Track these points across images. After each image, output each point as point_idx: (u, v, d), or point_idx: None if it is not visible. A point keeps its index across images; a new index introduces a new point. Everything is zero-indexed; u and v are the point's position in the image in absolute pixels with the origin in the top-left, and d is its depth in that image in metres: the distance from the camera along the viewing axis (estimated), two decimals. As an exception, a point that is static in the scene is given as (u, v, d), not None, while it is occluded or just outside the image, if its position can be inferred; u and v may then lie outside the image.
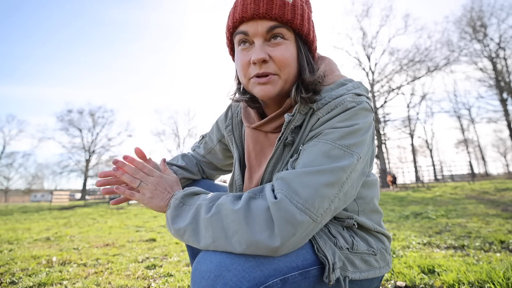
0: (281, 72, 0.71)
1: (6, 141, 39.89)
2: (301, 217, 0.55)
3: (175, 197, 0.70)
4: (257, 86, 0.71)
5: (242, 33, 0.71)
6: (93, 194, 29.26)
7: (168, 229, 0.69)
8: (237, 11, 0.70)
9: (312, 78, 0.71)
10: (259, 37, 0.69)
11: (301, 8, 0.71)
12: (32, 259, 2.66)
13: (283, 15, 0.68)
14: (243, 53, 0.72)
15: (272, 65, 0.70)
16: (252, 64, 0.70)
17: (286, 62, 0.70)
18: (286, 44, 0.70)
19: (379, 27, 24.89)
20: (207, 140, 1.10)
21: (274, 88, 0.71)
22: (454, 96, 31.28)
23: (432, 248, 2.58)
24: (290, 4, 0.69)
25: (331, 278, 0.64)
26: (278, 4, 0.67)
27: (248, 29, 0.69)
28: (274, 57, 0.69)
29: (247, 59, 0.71)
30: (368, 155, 0.72)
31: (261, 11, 0.67)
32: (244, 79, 0.74)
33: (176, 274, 2.03)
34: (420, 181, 19.61)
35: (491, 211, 5.42)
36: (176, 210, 0.67)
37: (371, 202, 0.84)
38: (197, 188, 0.73)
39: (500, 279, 1.49)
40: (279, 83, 0.71)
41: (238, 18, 0.70)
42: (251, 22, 0.69)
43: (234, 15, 0.71)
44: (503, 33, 23.85)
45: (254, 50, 0.69)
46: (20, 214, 11.01)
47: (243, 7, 0.69)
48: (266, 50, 0.69)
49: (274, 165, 0.76)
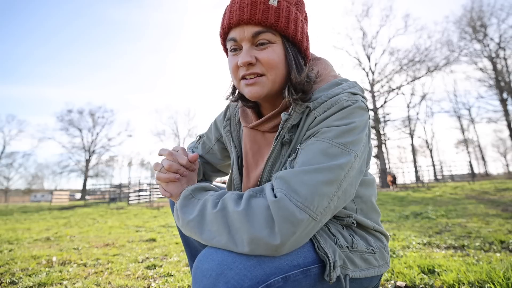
0: (268, 73, 0.73)
1: (6, 141, 39.98)
2: (300, 215, 0.56)
3: (186, 189, 0.73)
4: (246, 88, 0.75)
5: (231, 40, 0.75)
6: (93, 194, 29.28)
7: (175, 218, 0.71)
8: (225, 18, 0.75)
9: (299, 79, 0.73)
10: (246, 42, 0.73)
11: (287, 10, 0.73)
12: (32, 259, 2.66)
13: (267, 19, 0.70)
14: (233, 57, 0.76)
15: (259, 66, 0.73)
16: (240, 67, 0.74)
17: (272, 64, 0.72)
18: (273, 46, 0.73)
19: (379, 27, 24.91)
20: (205, 140, 1.11)
21: (262, 89, 0.74)
22: (454, 96, 31.35)
23: (432, 248, 2.58)
24: (274, 8, 0.71)
25: (332, 276, 0.64)
26: (261, 9, 0.70)
27: (235, 35, 0.73)
28: (260, 59, 0.72)
29: (235, 62, 0.75)
30: (365, 154, 0.73)
31: (245, 17, 0.70)
32: (235, 81, 0.78)
33: (176, 274, 2.03)
34: (420, 181, 19.62)
35: (491, 211, 5.42)
36: (186, 201, 0.70)
37: (368, 201, 0.85)
38: (207, 183, 0.75)
39: (500, 279, 1.49)
40: (267, 84, 0.74)
41: (226, 25, 0.75)
42: (238, 28, 0.73)
43: (223, 22, 0.76)
44: (503, 33, 23.88)
45: (242, 54, 0.73)
46: (20, 214, 11.01)
47: (230, 14, 0.73)
48: (253, 53, 0.73)
49: (272, 164, 0.77)
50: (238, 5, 0.72)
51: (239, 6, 0.71)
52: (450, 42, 24.64)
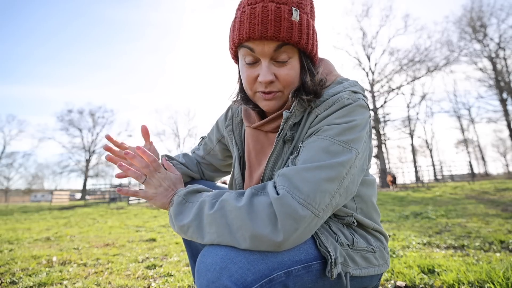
0: (285, 89, 0.74)
1: (6, 141, 39.89)
2: (303, 212, 0.57)
3: (177, 194, 0.71)
4: (263, 101, 0.76)
5: (248, 48, 0.71)
6: (93, 194, 29.25)
7: (171, 226, 0.70)
8: (244, 29, 0.69)
9: (314, 85, 0.74)
10: (265, 57, 0.70)
11: (307, 25, 0.71)
12: (32, 259, 2.66)
13: (291, 37, 0.68)
14: (249, 69, 0.73)
15: (278, 84, 0.73)
16: (259, 82, 0.73)
17: (290, 81, 0.73)
18: (291, 62, 0.72)
19: (379, 27, 24.89)
20: (207, 141, 1.12)
21: (278, 102, 0.76)
22: (454, 96, 31.31)
23: (432, 248, 2.58)
24: (297, 24, 0.68)
25: (333, 272, 0.65)
26: (286, 26, 0.67)
27: (255, 47, 0.70)
28: (279, 76, 0.72)
29: (253, 75, 0.73)
30: (366, 152, 0.74)
31: (269, 33, 0.66)
32: (250, 92, 0.77)
33: (176, 274, 2.04)
34: (420, 181, 19.61)
35: (491, 211, 5.42)
36: (179, 207, 0.68)
37: (369, 201, 0.85)
38: (199, 185, 0.74)
39: (500, 279, 1.49)
40: (283, 98, 0.76)
41: (244, 37, 0.69)
42: (258, 41, 0.69)
43: (241, 32, 0.69)
44: (503, 33, 23.84)
45: (262, 70, 0.71)
46: (20, 214, 11.00)
47: (250, 27, 0.68)
48: (272, 70, 0.72)
49: (274, 162, 0.77)
50: (260, 18, 0.67)
51: (261, 20, 0.67)
52: (450, 42, 24.63)
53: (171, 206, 0.71)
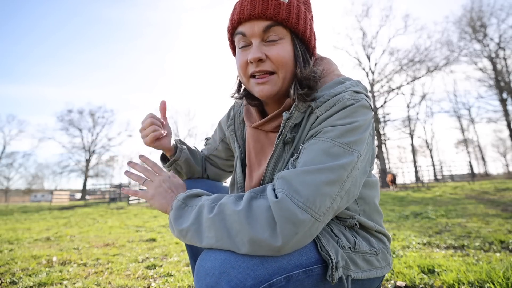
0: (279, 71, 0.73)
1: (6, 141, 39.86)
2: (302, 216, 0.55)
3: (177, 198, 0.70)
4: (256, 86, 0.75)
5: (240, 34, 0.74)
6: (93, 194, 29.28)
7: (171, 230, 0.69)
8: (235, 12, 0.74)
9: (305, 73, 0.73)
10: (256, 37, 0.72)
11: (297, 7, 0.73)
12: (32, 259, 2.66)
13: (278, 14, 0.71)
14: (242, 53, 0.75)
15: (269, 63, 0.73)
16: (250, 63, 0.73)
17: (282, 61, 0.72)
18: (282, 43, 0.73)
19: (379, 27, 24.87)
20: (211, 141, 1.14)
21: (273, 87, 0.74)
22: (454, 96, 31.28)
23: (432, 248, 2.58)
24: (285, 4, 0.72)
25: (334, 276, 0.64)
26: (273, 4, 0.71)
27: (245, 30, 0.73)
28: (270, 56, 0.72)
29: (245, 58, 0.74)
30: (369, 153, 0.72)
31: (257, 11, 0.70)
32: (244, 78, 0.77)
33: (176, 274, 2.04)
34: (420, 181, 19.59)
35: (491, 211, 5.42)
36: (179, 211, 0.68)
37: (371, 202, 0.84)
38: (199, 190, 0.73)
39: (500, 279, 1.49)
40: (278, 82, 0.74)
41: (236, 20, 0.74)
42: (248, 23, 0.72)
43: (233, 16, 0.75)
44: (503, 33, 23.82)
45: (251, 49, 0.72)
46: (20, 214, 11.00)
47: (240, 9, 0.73)
48: (263, 49, 0.72)
49: (275, 164, 0.77)
50: (249, 0, 0.72)
51: (250, 1, 0.72)
52: (450, 42, 24.61)
53: (170, 211, 0.70)
